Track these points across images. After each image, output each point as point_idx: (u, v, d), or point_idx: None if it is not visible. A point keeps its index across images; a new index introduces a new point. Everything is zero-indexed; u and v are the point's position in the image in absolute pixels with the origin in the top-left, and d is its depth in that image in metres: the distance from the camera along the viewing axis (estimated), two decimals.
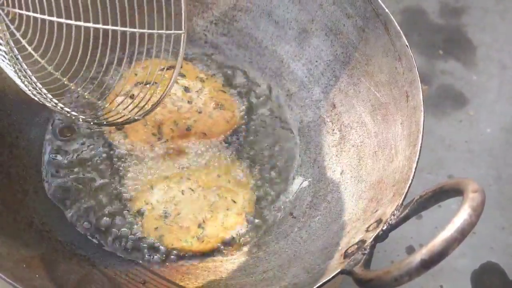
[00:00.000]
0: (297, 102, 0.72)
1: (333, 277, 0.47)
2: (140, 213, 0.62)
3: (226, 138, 0.69)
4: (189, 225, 0.61)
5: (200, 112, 0.68)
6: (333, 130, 0.68)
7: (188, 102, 0.68)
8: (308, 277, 0.51)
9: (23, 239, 0.53)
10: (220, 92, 0.71)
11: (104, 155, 0.66)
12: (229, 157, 0.68)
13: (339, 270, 0.47)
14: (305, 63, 0.72)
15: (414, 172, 0.52)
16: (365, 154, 0.62)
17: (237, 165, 0.67)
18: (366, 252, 0.47)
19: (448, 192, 0.45)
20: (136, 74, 0.70)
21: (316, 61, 0.71)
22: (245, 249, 0.62)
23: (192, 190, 0.63)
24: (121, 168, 0.65)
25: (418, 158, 0.53)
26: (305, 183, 0.66)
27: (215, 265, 0.60)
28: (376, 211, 0.54)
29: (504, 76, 1.08)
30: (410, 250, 0.87)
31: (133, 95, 0.65)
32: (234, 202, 0.64)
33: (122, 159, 0.65)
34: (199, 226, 0.61)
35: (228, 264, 0.60)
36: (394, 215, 0.49)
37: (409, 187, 0.52)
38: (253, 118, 0.71)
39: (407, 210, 0.48)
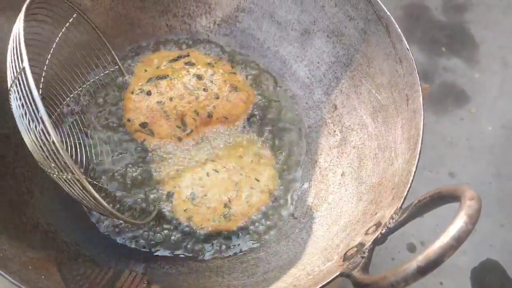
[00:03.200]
0: (299, 103, 0.73)
1: (333, 279, 0.48)
2: (169, 196, 0.64)
3: (246, 119, 0.71)
4: (216, 205, 0.63)
5: (217, 98, 0.69)
6: (334, 131, 0.69)
7: (204, 89, 0.69)
8: (309, 279, 0.52)
9: (29, 241, 0.54)
10: (232, 75, 0.73)
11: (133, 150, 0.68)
12: (250, 137, 0.70)
13: (338, 272, 0.48)
14: (307, 64, 0.72)
15: (413, 176, 0.53)
16: (366, 156, 0.63)
17: (257, 144, 0.69)
18: (365, 255, 0.48)
19: (446, 198, 0.46)
20: (146, 70, 0.71)
21: (318, 62, 0.71)
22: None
23: (217, 171, 0.65)
24: (148, 159, 0.67)
25: (417, 162, 0.54)
26: (306, 185, 0.67)
27: (217, 265, 0.61)
28: (376, 213, 0.54)
29: (506, 74, 1.08)
30: (411, 247, 0.88)
31: (150, 91, 0.66)
32: (257, 180, 0.65)
33: (150, 153, 0.67)
34: (225, 205, 0.63)
35: (230, 264, 0.61)
36: (393, 218, 0.50)
37: (408, 191, 0.52)
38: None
39: (405, 214, 0.49)
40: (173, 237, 0.63)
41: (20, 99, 0.47)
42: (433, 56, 1.10)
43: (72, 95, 0.68)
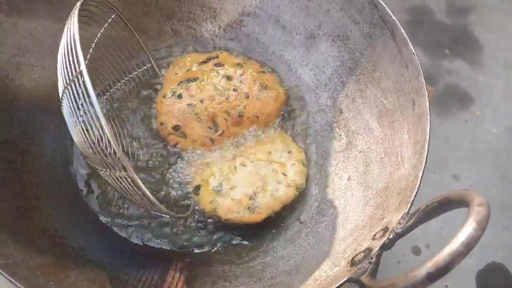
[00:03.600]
0: (304, 107, 0.73)
1: (341, 285, 0.48)
2: (197, 189, 0.65)
3: (278, 117, 0.72)
4: (241, 197, 0.63)
5: (247, 97, 0.69)
6: (340, 135, 0.69)
7: (234, 90, 0.69)
8: (316, 284, 0.52)
9: (37, 246, 0.54)
10: (261, 74, 0.73)
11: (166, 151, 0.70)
12: (279, 134, 0.70)
13: (346, 278, 0.48)
14: (312, 68, 0.72)
15: (420, 181, 0.53)
16: (372, 161, 0.63)
17: (287, 141, 0.70)
18: (372, 261, 0.48)
19: (453, 203, 0.46)
20: (176, 74, 0.72)
21: (323, 67, 0.71)
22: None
23: (244, 165, 0.66)
24: (179, 159, 0.69)
25: (424, 167, 0.54)
26: (313, 189, 0.67)
27: (224, 270, 0.61)
28: (383, 218, 0.54)
29: (510, 76, 1.07)
30: (416, 250, 0.87)
31: (181, 94, 0.66)
32: (285, 175, 0.65)
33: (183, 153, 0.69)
34: (251, 198, 0.63)
35: (237, 269, 0.61)
36: (400, 223, 0.50)
37: (415, 196, 0.52)
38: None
39: (413, 219, 0.49)
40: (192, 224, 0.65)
41: (76, 102, 0.49)
42: (436, 59, 1.10)
43: (105, 96, 0.70)
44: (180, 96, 0.69)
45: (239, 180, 0.64)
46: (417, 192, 0.52)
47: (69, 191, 0.65)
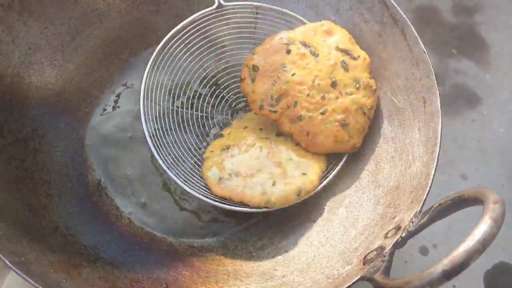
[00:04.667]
0: None
1: (354, 283, 0.48)
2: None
3: None
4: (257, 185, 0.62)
5: (323, 113, 0.62)
6: None
7: (335, 97, 0.62)
8: (328, 282, 0.52)
9: (50, 244, 0.54)
10: (368, 110, 0.64)
11: None
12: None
13: (359, 276, 0.48)
14: None
15: (432, 179, 0.53)
16: (382, 159, 0.63)
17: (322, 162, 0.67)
18: (385, 259, 0.48)
19: (468, 201, 0.46)
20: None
21: None
22: None
23: (263, 156, 0.64)
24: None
25: (436, 165, 0.54)
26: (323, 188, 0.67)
27: (235, 268, 0.61)
28: (394, 217, 0.54)
29: None
30: (424, 250, 0.87)
31: (290, 50, 0.64)
32: (304, 174, 0.63)
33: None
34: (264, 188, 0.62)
35: (247, 268, 0.61)
36: (412, 222, 0.50)
37: (427, 194, 0.52)
38: None
39: (425, 218, 0.49)
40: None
41: None
42: (443, 58, 1.10)
43: None
44: (288, 52, 0.64)
45: (255, 167, 0.63)
46: (429, 190, 0.52)
47: (80, 189, 0.65)
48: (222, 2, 0.69)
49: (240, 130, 0.68)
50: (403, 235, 0.50)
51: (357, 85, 0.63)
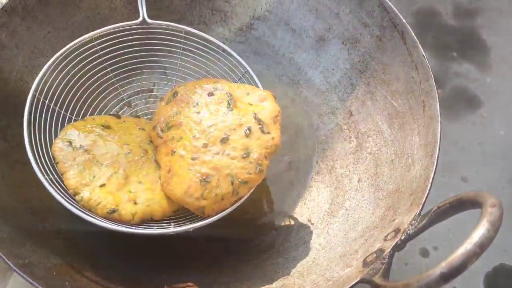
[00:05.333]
0: (314, 109, 0.73)
1: (353, 285, 0.49)
2: None
3: None
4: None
5: (193, 159, 0.57)
6: (350, 137, 0.69)
7: (216, 152, 0.58)
8: (328, 284, 0.53)
9: (52, 247, 0.55)
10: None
11: None
12: None
13: (359, 278, 0.49)
14: (322, 71, 0.73)
15: (432, 183, 0.53)
16: (382, 162, 0.63)
17: None
18: (385, 261, 0.49)
19: (466, 204, 0.46)
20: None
21: (333, 69, 0.72)
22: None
23: (124, 158, 0.60)
24: None
25: (436, 169, 0.54)
26: (322, 190, 0.68)
27: (236, 271, 0.61)
28: (394, 220, 0.55)
29: None
30: (424, 252, 0.88)
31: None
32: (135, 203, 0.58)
33: None
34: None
35: (248, 270, 0.61)
36: (412, 225, 0.50)
37: (426, 197, 0.53)
38: None
39: (424, 221, 0.50)
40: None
41: None
42: (444, 61, 1.11)
43: None
44: (210, 94, 0.62)
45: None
46: (428, 193, 0.53)
47: None
48: (147, 19, 0.66)
49: (134, 127, 0.65)
50: (402, 238, 0.50)
51: (244, 155, 0.57)
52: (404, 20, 0.63)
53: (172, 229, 0.57)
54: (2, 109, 0.61)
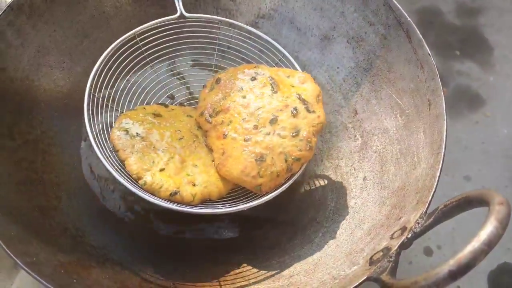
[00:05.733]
0: None
1: (360, 283, 0.49)
2: None
3: None
4: None
5: (246, 140, 0.60)
6: (355, 136, 0.69)
7: (267, 133, 0.60)
8: (335, 283, 0.53)
9: (59, 245, 0.55)
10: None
11: None
12: None
13: (366, 276, 0.49)
14: (326, 70, 0.73)
15: (438, 181, 0.54)
16: (388, 161, 0.63)
17: None
18: (392, 259, 0.49)
19: (473, 202, 0.46)
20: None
21: (338, 68, 0.72)
22: None
23: (177, 143, 0.63)
24: None
25: (442, 167, 0.54)
26: (328, 189, 0.68)
27: (242, 269, 0.62)
28: (400, 218, 0.55)
29: None
30: (428, 251, 0.88)
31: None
32: (194, 185, 0.60)
33: None
34: None
35: (255, 268, 0.61)
36: (418, 223, 0.50)
37: (432, 195, 0.53)
38: None
39: (431, 219, 0.50)
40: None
41: None
42: (447, 60, 1.11)
43: None
44: (253, 79, 0.65)
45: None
46: (434, 192, 0.53)
47: (88, 190, 0.66)
48: (184, 13, 0.69)
49: (182, 114, 0.68)
50: (409, 236, 0.50)
51: (294, 134, 0.60)
52: (409, 19, 0.63)
53: (229, 208, 0.59)
54: (8, 107, 0.61)
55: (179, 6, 0.69)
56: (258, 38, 0.71)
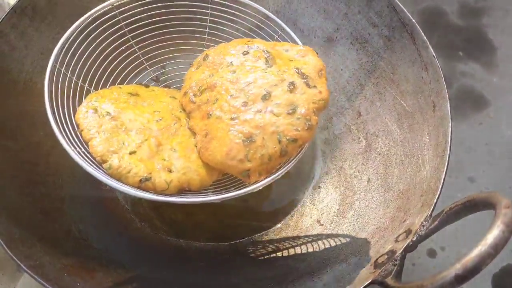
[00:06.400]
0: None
1: (365, 286, 0.49)
2: None
3: None
4: None
5: (233, 119, 0.52)
6: (359, 138, 0.69)
7: (258, 110, 0.52)
8: (339, 286, 0.52)
9: (63, 248, 0.55)
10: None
11: None
12: None
13: (370, 280, 0.48)
14: (330, 71, 0.73)
15: (443, 184, 0.53)
16: (392, 163, 0.63)
17: None
18: (397, 263, 0.49)
19: (479, 205, 0.46)
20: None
21: (341, 69, 0.72)
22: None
23: (155, 125, 0.55)
24: None
25: (447, 170, 0.54)
26: (331, 191, 0.68)
27: (246, 272, 0.61)
28: (405, 220, 0.55)
29: None
30: (431, 253, 0.87)
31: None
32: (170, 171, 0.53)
33: None
34: None
35: (258, 272, 0.61)
36: (423, 226, 0.50)
37: (437, 198, 0.52)
38: None
39: (436, 222, 0.49)
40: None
41: None
42: (450, 61, 1.10)
43: None
44: (245, 53, 0.57)
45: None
46: (440, 194, 0.52)
47: (92, 193, 0.65)
48: None
49: (164, 95, 0.61)
50: (414, 239, 0.50)
51: (290, 111, 0.52)
52: (413, 20, 0.63)
53: (212, 196, 0.51)
54: (11, 109, 0.61)
55: None
56: (254, 12, 0.64)
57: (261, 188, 0.52)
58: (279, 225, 0.66)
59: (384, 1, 0.65)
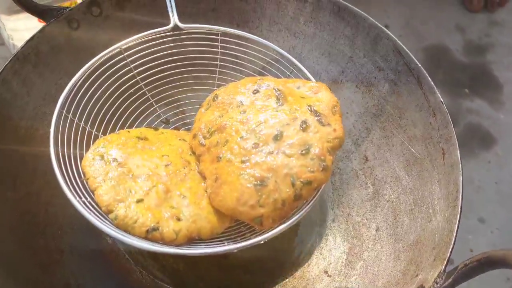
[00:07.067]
0: None
1: None
2: None
3: None
4: None
5: (243, 162, 0.49)
6: (366, 183, 0.67)
7: (269, 152, 0.49)
8: None
9: None
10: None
11: None
12: None
13: None
14: None
15: (456, 236, 0.51)
16: (401, 211, 0.61)
17: None
18: None
19: (495, 263, 0.44)
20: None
21: (347, 113, 0.70)
22: None
23: (163, 171, 0.53)
24: None
25: (459, 221, 0.52)
26: (338, 239, 0.65)
27: None
28: (417, 275, 0.52)
29: None
30: None
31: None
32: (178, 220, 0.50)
33: None
34: None
35: None
36: (437, 283, 0.48)
37: (451, 252, 0.50)
38: None
39: (450, 279, 0.47)
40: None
41: None
42: (456, 98, 1.10)
43: None
44: (255, 92, 0.55)
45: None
46: (453, 248, 0.50)
47: (91, 243, 0.64)
48: (179, 24, 0.61)
49: (174, 138, 0.59)
50: None
51: (304, 151, 0.49)
52: (419, 65, 0.62)
53: (226, 246, 0.48)
54: (11, 157, 0.60)
55: (173, 16, 0.61)
56: (265, 49, 0.63)
57: (273, 236, 0.49)
58: (284, 277, 0.63)
59: (389, 44, 0.64)
